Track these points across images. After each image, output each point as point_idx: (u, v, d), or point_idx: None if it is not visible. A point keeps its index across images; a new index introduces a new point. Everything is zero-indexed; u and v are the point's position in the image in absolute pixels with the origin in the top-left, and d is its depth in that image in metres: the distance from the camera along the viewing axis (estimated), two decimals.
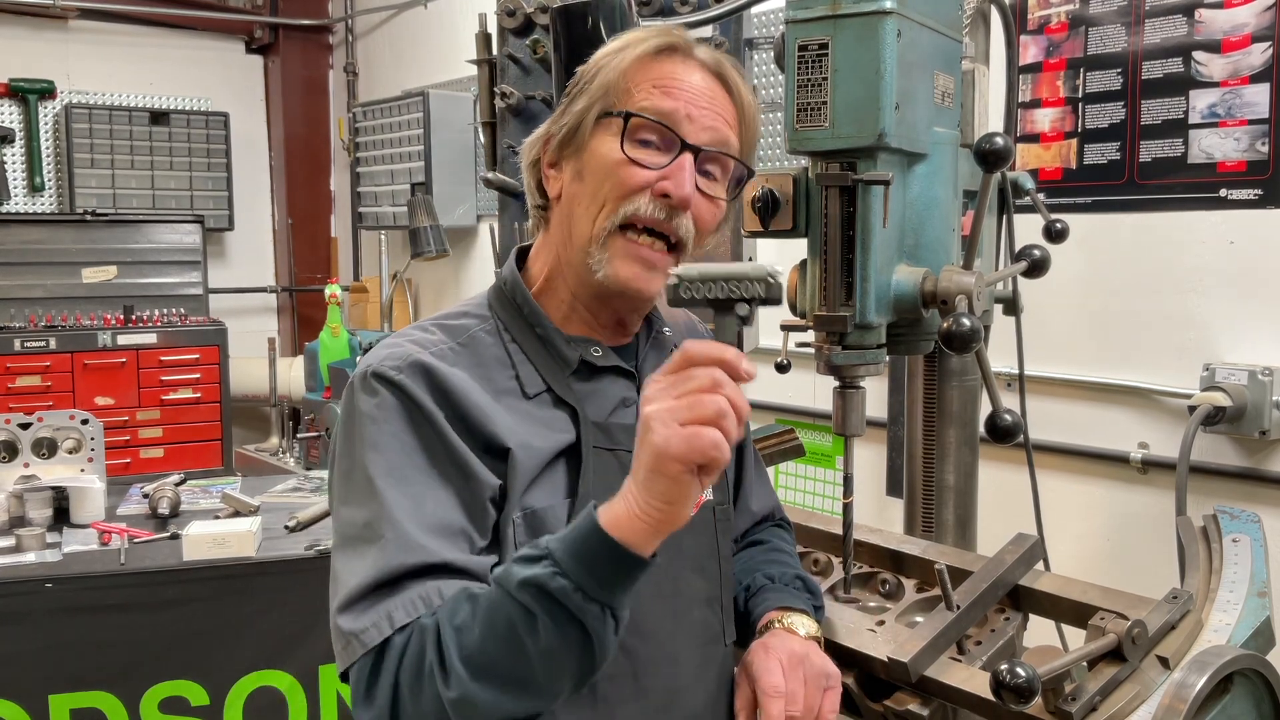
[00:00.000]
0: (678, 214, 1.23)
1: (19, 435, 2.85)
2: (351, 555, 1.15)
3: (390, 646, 1.09)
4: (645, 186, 1.22)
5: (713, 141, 1.25)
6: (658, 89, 1.24)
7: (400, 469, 1.16)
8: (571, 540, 1.03)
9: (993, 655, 1.45)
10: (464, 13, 5.06)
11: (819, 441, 3.35)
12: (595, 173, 1.24)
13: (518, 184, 2.55)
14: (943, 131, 1.51)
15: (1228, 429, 2.37)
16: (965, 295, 1.39)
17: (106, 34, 5.92)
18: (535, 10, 2.46)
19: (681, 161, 1.22)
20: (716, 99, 1.27)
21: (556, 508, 1.20)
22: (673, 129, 1.23)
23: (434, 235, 4.54)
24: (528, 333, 1.29)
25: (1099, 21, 2.63)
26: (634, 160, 1.22)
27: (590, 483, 1.21)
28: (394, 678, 1.08)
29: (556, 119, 1.29)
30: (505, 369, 1.26)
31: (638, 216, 1.22)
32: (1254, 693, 1.31)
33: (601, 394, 1.29)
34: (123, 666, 2.46)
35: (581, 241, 1.24)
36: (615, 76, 1.25)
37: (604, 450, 1.24)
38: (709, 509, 1.34)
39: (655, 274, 1.24)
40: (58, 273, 5.38)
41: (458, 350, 1.25)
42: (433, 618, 1.09)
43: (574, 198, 1.27)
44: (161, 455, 5.22)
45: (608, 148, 1.23)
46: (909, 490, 1.86)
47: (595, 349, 1.29)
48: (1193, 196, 2.47)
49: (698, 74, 1.27)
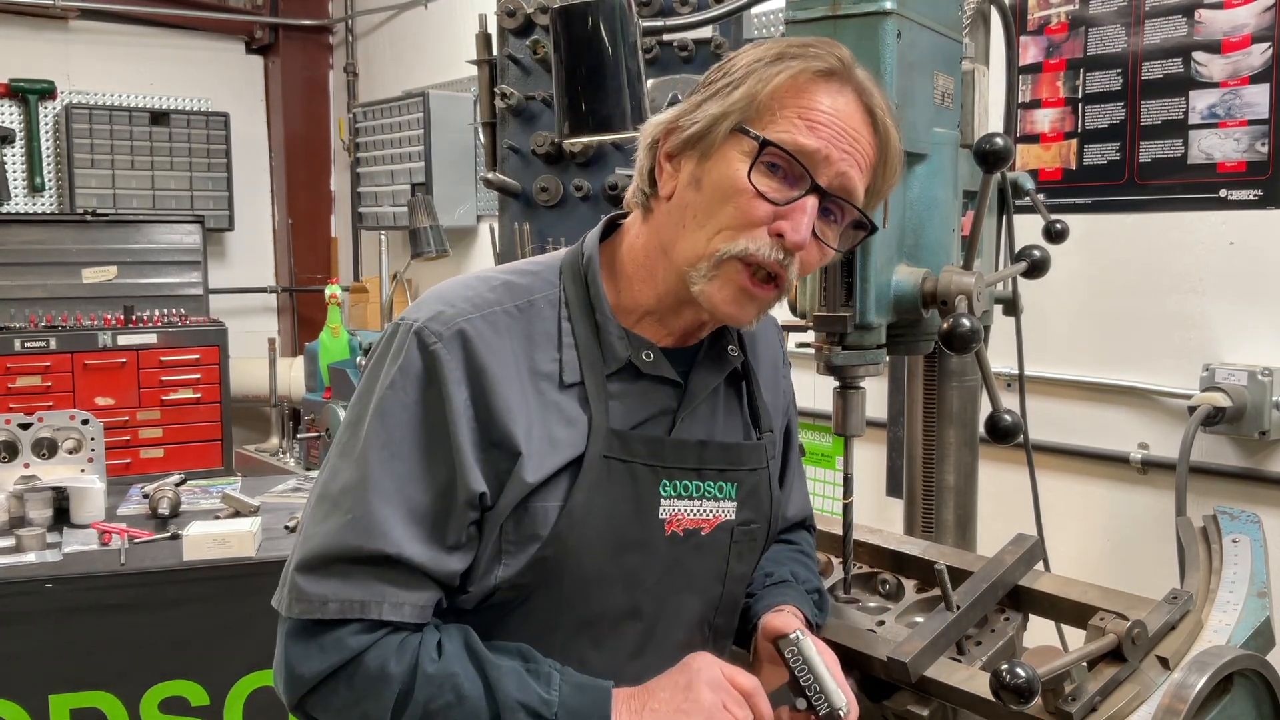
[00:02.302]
0: (790, 257, 1.16)
1: (19, 435, 2.85)
2: (322, 513, 1.17)
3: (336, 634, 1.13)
4: (764, 221, 1.15)
5: (841, 188, 1.17)
6: (803, 120, 1.15)
7: (396, 445, 1.15)
8: None
9: (993, 655, 1.45)
10: (464, 13, 5.06)
11: (819, 441, 3.35)
12: (716, 189, 1.17)
13: (518, 184, 2.55)
14: (943, 132, 1.51)
15: (1227, 429, 2.37)
16: (965, 295, 1.39)
17: (106, 34, 5.93)
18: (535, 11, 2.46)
19: (804, 204, 1.15)
20: (860, 139, 1.18)
21: (549, 510, 1.17)
22: (808, 168, 1.15)
23: (434, 235, 4.53)
24: (586, 315, 1.23)
25: (1099, 22, 2.63)
26: (759, 192, 1.14)
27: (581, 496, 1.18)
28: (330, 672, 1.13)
29: (688, 111, 1.20)
30: (552, 349, 1.21)
31: (755, 256, 1.15)
32: (1254, 693, 1.31)
33: (638, 399, 1.24)
34: (123, 666, 2.46)
35: (689, 255, 1.18)
36: (764, 92, 1.16)
37: (617, 461, 1.20)
38: (727, 529, 1.29)
39: (751, 305, 1.19)
40: (58, 273, 5.38)
41: (512, 315, 1.20)
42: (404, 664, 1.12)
43: (688, 206, 1.19)
44: (161, 455, 5.22)
45: (735, 169, 1.15)
46: (909, 490, 1.86)
47: (647, 353, 1.24)
48: (1192, 197, 2.48)
49: (850, 107, 1.18)
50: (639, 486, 1.21)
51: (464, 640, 1.16)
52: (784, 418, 1.44)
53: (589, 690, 1.14)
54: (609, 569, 1.21)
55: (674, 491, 1.24)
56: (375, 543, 1.13)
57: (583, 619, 1.22)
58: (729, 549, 1.30)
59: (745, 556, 1.33)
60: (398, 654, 1.13)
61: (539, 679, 1.13)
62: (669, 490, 1.23)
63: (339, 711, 1.15)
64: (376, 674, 1.12)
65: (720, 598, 1.32)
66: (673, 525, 1.24)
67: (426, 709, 1.11)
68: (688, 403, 1.27)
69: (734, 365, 1.32)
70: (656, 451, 1.23)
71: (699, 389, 1.28)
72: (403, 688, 1.12)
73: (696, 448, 1.26)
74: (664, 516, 1.23)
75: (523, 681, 1.12)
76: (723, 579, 1.31)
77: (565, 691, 1.12)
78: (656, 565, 1.24)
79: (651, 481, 1.22)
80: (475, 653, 1.14)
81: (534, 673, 1.14)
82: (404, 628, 1.15)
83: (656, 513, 1.23)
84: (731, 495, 1.29)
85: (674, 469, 1.24)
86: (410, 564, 1.13)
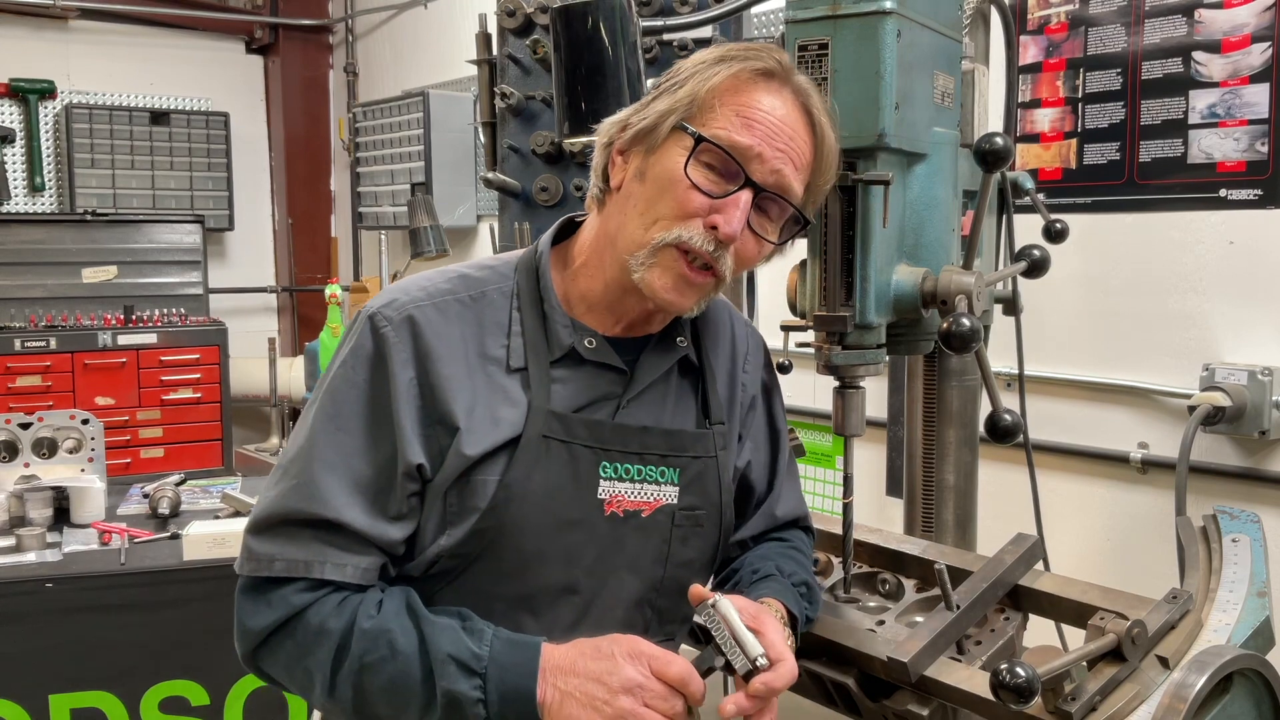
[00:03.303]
0: (723, 249, 1.23)
1: (19, 435, 2.85)
2: (274, 479, 1.27)
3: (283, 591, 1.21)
4: (699, 213, 1.22)
5: (776, 185, 1.24)
6: (740, 118, 1.23)
7: (343, 419, 1.24)
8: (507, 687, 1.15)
9: (993, 655, 1.45)
10: (464, 13, 5.06)
11: (819, 441, 3.35)
12: (656, 181, 1.24)
13: (518, 184, 2.55)
14: (943, 131, 1.51)
15: (1227, 429, 2.37)
16: (965, 295, 1.39)
17: (106, 34, 5.92)
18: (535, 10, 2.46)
19: (738, 198, 1.22)
20: (796, 138, 1.25)
21: (489, 483, 1.23)
22: (741, 164, 1.22)
23: (434, 235, 4.53)
24: (535, 305, 1.31)
25: (1099, 21, 2.63)
26: (694, 184, 1.22)
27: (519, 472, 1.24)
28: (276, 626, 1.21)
29: (638, 109, 1.29)
30: (501, 336, 1.29)
31: (688, 245, 1.22)
32: (1254, 693, 1.31)
33: (582, 384, 1.30)
34: (123, 666, 2.47)
35: (630, 243, 1.25)
36: (704, 91, 1.24)
37: (556, 441, 1.26)
38: (668, 512, 1.33)
39: (690, 291, 1.26)
40: (58, 273, 5.38)
41: (464, 304, 1.29)
42: (342, 620, 1.19)
43: (632, 196, 1.27)
44: (162, 455, 5.21)
45: (673, 161, 1.23)
46: (909, 490, 1.86)
47: (590, 340, 1.31)
48: (1192, 196, 2.47)
49: (785, 107, 1.25)
50: (578, 466, 1.27)
51: (404, 599, 1.22)
52: (744, 411, 1.46)
53: (520, 646, 1.19)
54: (547, 545, 1.26)
55: (614, 473, 1.29)
56: (317, 507, 1.21)
57: (521, 591, 1.27)
58: (670, 532, 1.34)
59: (690, 541, 1.36)
60: (337, 611, 1.20)
61: (472, 635, 1.19)
62: (609, 472, 1.29)
63: (285, 666, 1.24)
64: (317, 629, 1.20)
65: (662, 580, 1.35)
66: (612, 505, 1.29)
67: (362, 662, 1.18)
68: (631, 389, 1.32)
69: (681, 355, 1.37)
70: (597, 434, 1.29)
71: (644, 376, 1.34)
72: (340, 642, 1.19)
73: (639, 433, 1.31)
74: (603, 496, 1.29)
75: (456, 637, 1.18)
76: (664, 561, 1.34)
77: (496, 646, 1.18)
78: (595, 544, 1.29)
79: (591, 462, 1.28)
80: (413, 610, 1.21)
81: (469, 630, 1.20)
82: (346, 587, 1.23)
83: (595, 492, 1.28)
84: (673, 480, 1.33)
85: (614, 451, 1.29)
86: (351, 529, 1.21)
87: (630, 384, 1.33)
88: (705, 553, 1.39)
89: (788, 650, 1.22)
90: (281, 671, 1.26)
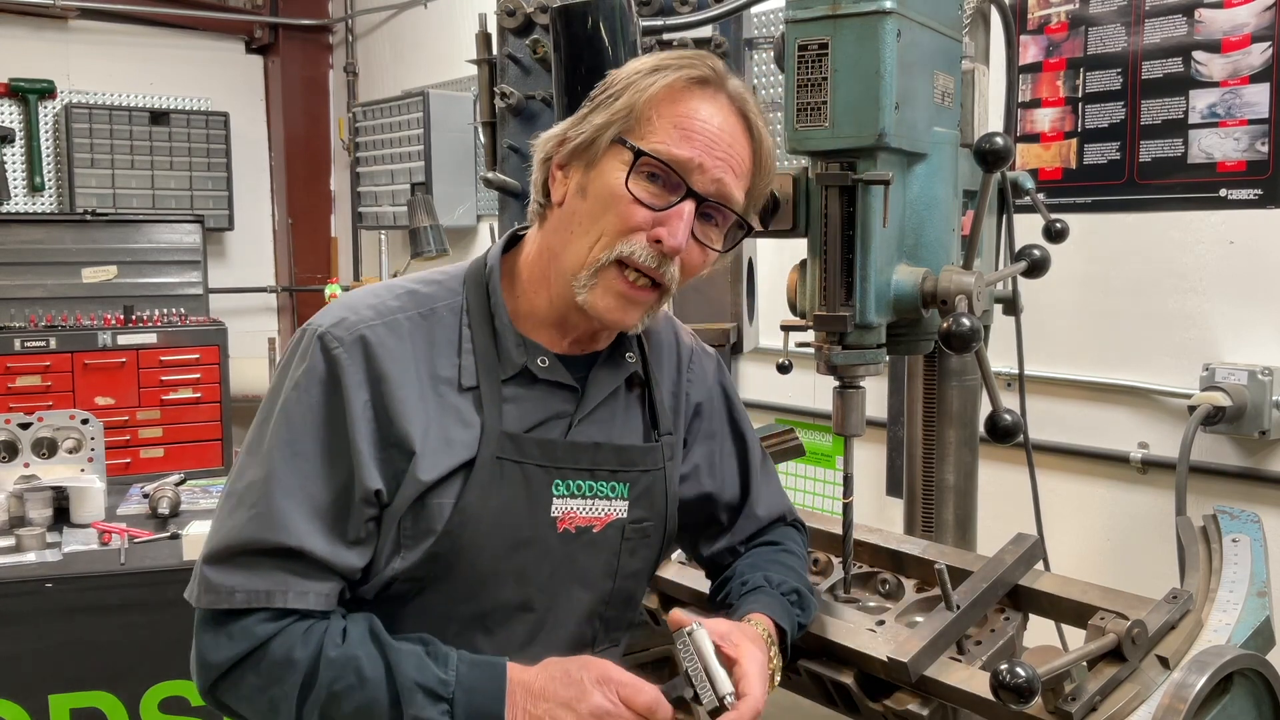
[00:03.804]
0: (667, 261, 1.24)
1: (19, 435, 2.85)
2: (228, 508, 1.23)
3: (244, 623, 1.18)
4: (642, 227, 1.23)
5: (718, 194, 1.25)
6: (678, 130, 1.23)
7: (299, 444, 1.21)
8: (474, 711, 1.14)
9: (993, 655, 1.45)
10: (464, 13, 5.06)
11: (819, 441, 3.35)
12: (598, 197, 1.24)
13: (518, 184, 2.55)
14: (943, 131, 1.51)
15: (1227, 429, 2.37)
16: (965, 295, 1.39)
17: (106, 34, 5.92)
18: (535, 10, 2.46)
19: (680, 209, 1.23)
20: (735, 145, 1.26)
21: (444, 507, 1.23)
22: (683, 177, 1.23)
23: (434, 235, 4.54)
24: (486, 322, 1.30)
25: (1099, 21, 2.63)
26: (637, 198, 1.22)
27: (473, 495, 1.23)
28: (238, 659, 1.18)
29: (575, 123, 1.28)
30: (452, 354, 1.28)
31: (631, 259, 1.23)
32: (1254, 693, 1.31)
33: (535, 403, 1.30)
34: (123, 666, 2.47)
35: (573, 264, 1.25)
36: (641, 102, 1.24)
37: (510, 462, 1.26)
38: (618, 526, 1.34)
39: (634, 309, 1.26)
40: (58, 273, 5.38)
41: (415, 322, 1.27)
42: (308, 650, 1.17)
43: (574, 213, 1.27)
44: (161, 455, 5.21)
45: (614, 177, 1.23)
46: (909, 490, 1.86)
47: (542, 359, 1.30)
48: (1193, 196, 2.47)
49: (722, 115, 1.26)
50: (531, 486, 1.27)
51: (368, 626, 1.21)
52: (687, 420, 1.47)
53: (484, 667, 1.19)
54: (501, 565, 1.27)
55: (566, 491, 1.30)
56: (278, 535, 1.19)
57: (475, 612, 1.27)
58: (620, 545, 1.35)
59: (638, 553, 1.38)
60: (303, 640, 1.18)
61: (437, 660, 1.18)
62: (561, 489, 1.29)
63: (248, 698, 1.21)
64: (282, 660, 1.18)
65: (611, 592, 1.36)
66: (565, 523, 1.30)
67: (330, 691, 1.17)
68: (583, 407, 1.33)
69: (630, 371, 1.38)
70: (550, 453, 1.29)
71: (595, 394, 1.34)
72: (307, 672, 1.17)
73: (590, 449, 1.31)
74: (556, 515, 1.29)
75: (421, 663, 1.18)
76: (614, 575, 1.36)
77: (462, 670, 1.18)
78: (548, 561, 1.29)
79: (544, 481, 1.28)
80: (378, 637, 1.20)
81: (432, 654, 1.19)
82: (310, 615, 1.21)
83: (549, 511, 1.29)
84: (624, 494, 1.34)
85: (566, 469, 1.30)
86: (311, 556, 1.19)
87: (582, 402, 1.33)
88: (650, 562, 1.41)
89: (759, 685, 1.22)
90: (244, 704, 1.22)
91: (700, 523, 1.51)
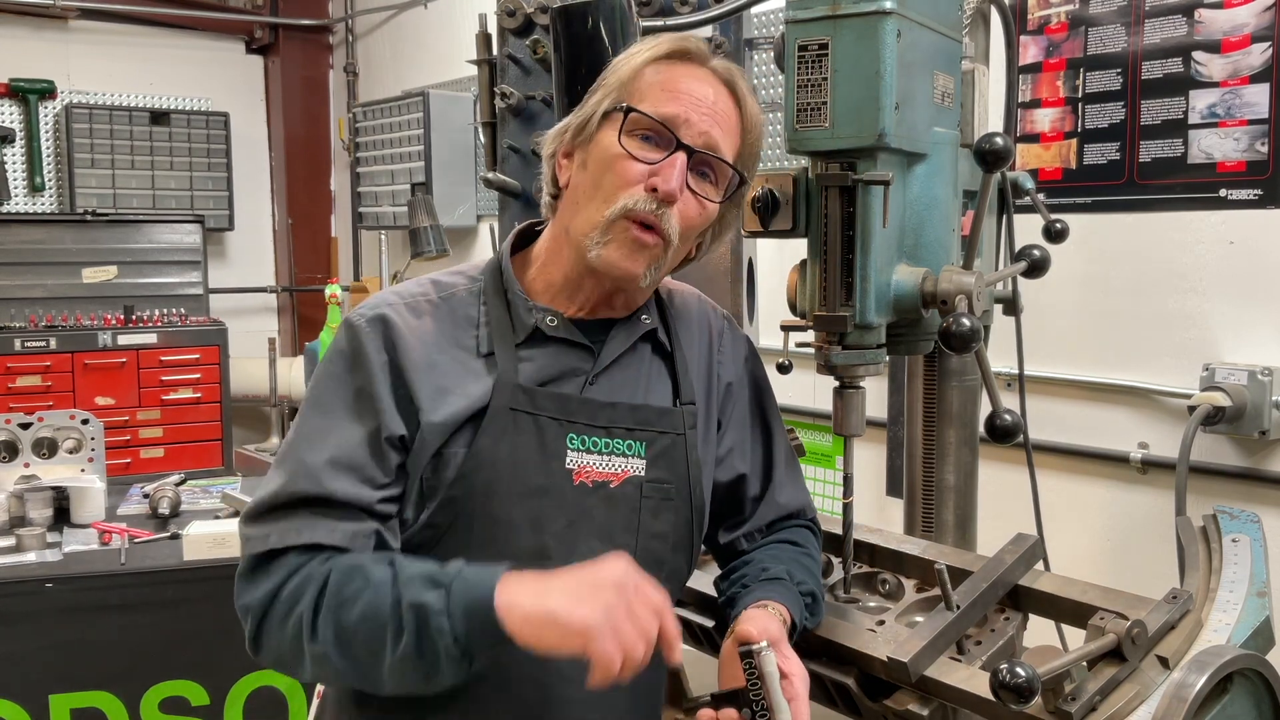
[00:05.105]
0: (665, 209, 1.30)
1: (19, 435, 2.85)
2: (272, 469, 1.32)
3: (277, 565, 1.25)
4: (639, 180, 1.30)
5: (707, 145, 1.32)
6: (665, 92, 1.32)
7: (325, 406, 1.31)
8: (470, 596, 1.16)
9: (993, 655, 1.45)
10: (464, 13, 5.06)
11: (819, 441, 3.35)
12: (597, 162, 1.33)
13: (518, 184, 2.55)
14: (943, 131, 1.51)
15: (1227, 429, 2.37)
16: (965, 295, 1.39)
17: (106, 34, 5.92)
18: (535, 10, 2.45)
19: (673, 160, 1.30)
20: (720, 107, 1.34)
21: (458, 454, 1.29)
22: (670, 129, 1.30)
23: (434, 235, 4.53)
24: (499, 297, 1.38)
25: (1099, 21, 2.63)
26: (630, 153, 1.30)
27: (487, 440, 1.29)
28: (271, 595, 1.24)
29: (576, 112, 1.38)
30: (471, 328, 1.36)
31: (632, 211, 1.29)
32: (1254, 693, 1.31)
33: (548, 360, 1.35)
34: (123, 666, 2.47)
35: (585, 227, 1.32)
36: (628, 75, 1.34)
37: (523, 413, 1.31)
38: (636, 483, 1.36)
39: (639, 255, 1.31)
40: (58, 273, 5.38)
41: (435, 303, 1.37)
42: (325, 566, 1.23)
43: (578, 186, 1.35)
44: (162, 455, 5.21)
45: (609, 140, 1.32)
46: (909, 490, 1.86)
47: (551, 319, 1.36)
48: (1192, 196, 2.48)
49: (706, 83, 1.34)
50: (544, 436, 1.32)
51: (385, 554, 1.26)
52: (721, 399, 1.50)
53: (487, 569, 1.20)
54: (515, 511, 1.30)
55: (581, 445, 1.34)
56: (305, 485, 1.26)
57: (494, 558, 1.27)
58: (640, 503, 1.37)
59: (661, 515, 1.38)
60: (321, 563, 1.24)
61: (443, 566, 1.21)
62: (576, 443, 1.34)
63: (278, 626, 1.25)
64: (303, 579, 1.23)
65: (634, 550, 1.35)
66: (581, 475, 1.34)
67: (340, 597, 1.21)
68: (599, 364, 1.37)
69: (646, 330, 1.42)
70: (564, 407, 1.34)
71: (610, 351, 1.39)
72: (321, 584, 1.22)
73: (607, 408, 1.36)
74: (571, 467, 1.33)
75: (426, 565, 1.21)
76: (635, 532, 1.36)
77: (465, 570, 1.20)
78: (564, 511, 1.32)
79: (558, 434, 1.33)
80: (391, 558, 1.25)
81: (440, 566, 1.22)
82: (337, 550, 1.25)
83: (564, 462, 1.33)
84: (640, 453, 1.37)
85: (580, 424, 1.34)
86: (338, 499, 1.25)
87: (598, 360, 1.38)
88: (679, 528, 1.41)
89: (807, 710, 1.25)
90: (277, 640, 1.25)
91: (727, 508, 1.52)
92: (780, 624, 1.31)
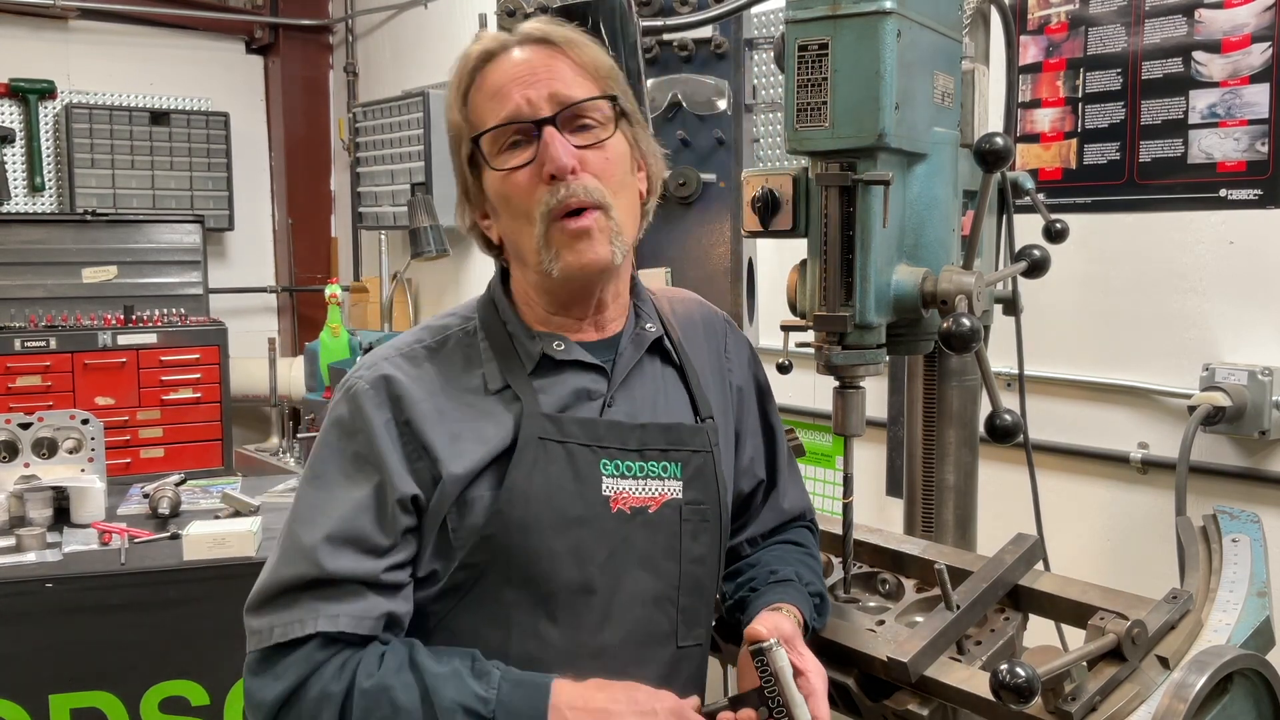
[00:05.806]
0: (574, 183, 1.26)
1: (19, 435, 2.85)
2: (272, 551, 1.28)
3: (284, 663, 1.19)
4: (535, 182, 1.27)
5: (558, 102, 1.28)
6: (493, 99, 1.29)
7: (320, 474, 1.27)
8: None
9: (993, 655, 1.45)
10: (464, 13, 5.06)
11: (819, 441, 3.35)
12: (499, 199, 1.31)
13: None
14: (943, 131, 1.51)
15: (1227, 429, 2.37)
16: (965, 295, 1.39)
17: (106, 34, 5.92)
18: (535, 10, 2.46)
19: (545, 141, 1.26)
20: (542, 63, 1.29)
21: (485, 496, 1.25)
22: (519, 120, 1.27)
23: (434, 235, 4.54)
24: (499, 331, 1.35)
25: (1099, 21, 2.63)
26: (511, 170, 1.28)
27: (519, 474, 1.25)
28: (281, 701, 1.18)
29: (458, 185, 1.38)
30: (474, 368, 1.32)
31: (552, 209, 1.26)
32: (1254, 693, 1.31)
33: (562, 386, 1.32)
34: (123, 666, 2.46)
35: (533, 256, 1.29)
36: (459, 117, 1.33)
37: (552, 442, 1.27)
38: (674, 507, 1.33)
39: (591, 238, 1.27)
40: (58, 273, 5.37)
41: (432, 349, 1.33)
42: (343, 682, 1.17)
43: (506, 230, 1.34)
44: (162, 455, 5.21)
45: (491, 176, 1.30)
46: (909, 490, 1.86)
47: (558, 343, 1.33)
48: (1192, 196, 2.47)
49: (518, 60, 1.30)
50: (577, 464, 1.28)
51: (408, 653, 1.20)
52: (735, 406, 1.48)
53: (528, 685, 1.17)
54: (555, 543, 1.26)
55: (615, 470, 1.30)
56: (300, 568, 1.21)
57: (537, 595, 1.26)
58: (680, 527, 1.33)
59: (700, 537, 1.36)
60: (337, 675, 1.18)
61: (479, 678, 1.17)
62: (610, 469, 1.30)
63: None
64: (318, 696, 1.18)
65: (679, 577, 1.34)
66: (618, 503, 1.29)
67: None
68: (614, 381, 1.34)
69: (654, 338, 1.39)
70: (591, 432, 1.30)
71: (622, 366, 1.35)
72: (341, 706, 1.17)
73: (636, 429, 1.32)
74: (608, 494, 1.29)
75: (461, 683, 1.16)
76: (678, 558, 1.34)
77: (504, 689, 1.16)
78: (604, 541, 1.28)
79: (591, 461, 1.29)
80: (416, 665, 1.19)
81: (475, 672, 1.18)
82: (347, 640, 1.20)
83: (599, 489, 1.29)
84: (677, 475, 1.34)
85: (612, 449, 1.30)
86: (337, 578, 1.20)
87: (611, 377, 1.35)
88: (714, 549, 1.39)
89: (826, 707, 1.24)
90: None
91: (735, 513, 1.50)
92: (793, 623, 1.31)
